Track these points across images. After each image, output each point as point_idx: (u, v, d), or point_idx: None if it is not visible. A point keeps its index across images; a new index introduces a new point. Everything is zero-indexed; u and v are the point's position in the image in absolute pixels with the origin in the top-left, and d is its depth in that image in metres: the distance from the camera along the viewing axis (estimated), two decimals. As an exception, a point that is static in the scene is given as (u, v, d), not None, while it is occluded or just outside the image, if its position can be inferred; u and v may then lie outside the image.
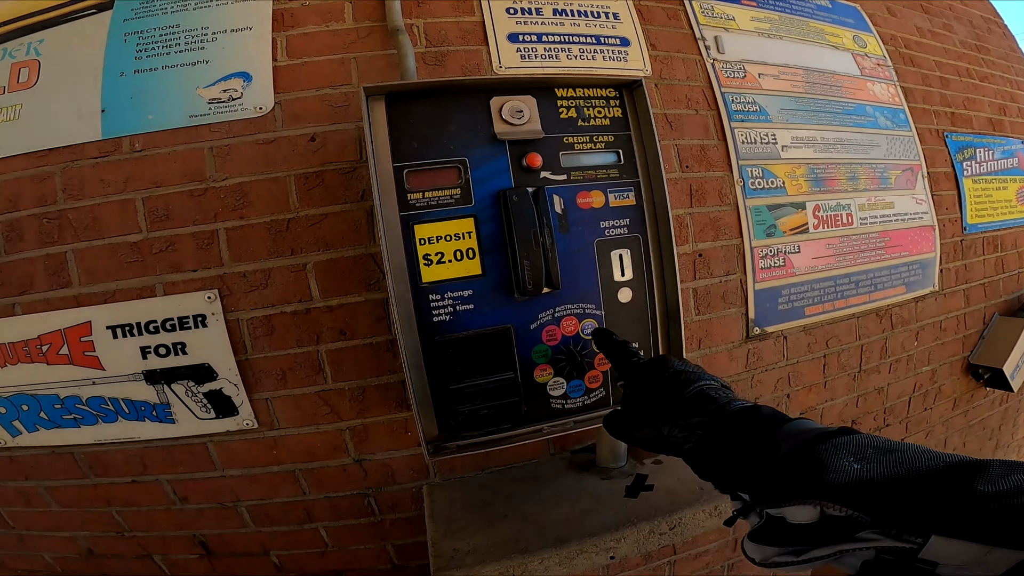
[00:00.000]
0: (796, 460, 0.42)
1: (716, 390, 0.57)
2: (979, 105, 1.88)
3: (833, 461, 0.39)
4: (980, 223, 1.79)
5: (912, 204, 1.57)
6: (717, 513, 0.91)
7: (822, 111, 1.43)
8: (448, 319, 0.77)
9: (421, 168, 0.77)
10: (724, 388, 0.59)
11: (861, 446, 0.41)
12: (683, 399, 0.56)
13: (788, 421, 0.48)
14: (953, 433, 1.91)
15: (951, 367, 1.78)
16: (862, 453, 0.40)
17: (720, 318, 1.24)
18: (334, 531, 1.16)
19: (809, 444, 0.43)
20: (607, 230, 0.84)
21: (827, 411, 1.50)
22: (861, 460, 0.39)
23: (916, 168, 1.60)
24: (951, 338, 1.75)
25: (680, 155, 1.23)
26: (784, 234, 1.31)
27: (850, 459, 0.39)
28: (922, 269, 1.60)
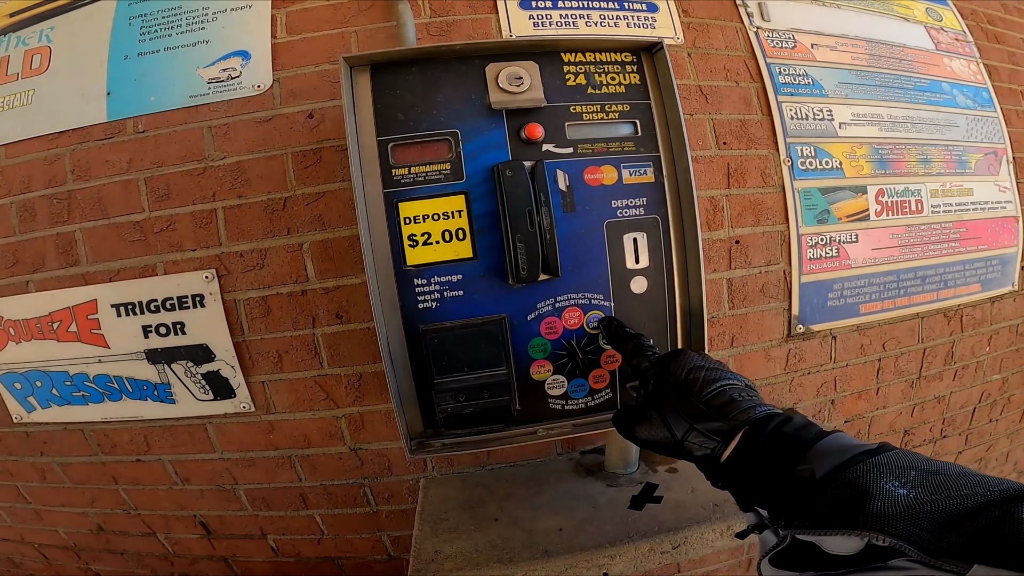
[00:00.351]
0: (837, 485, 0.38)
1: (740, 391, 0.52)
2: None
3: (876, 487, 0.36)
4: (1073, 215, 1.54)
5: (994, 192, 1.38)
6: (730, 533, 0.82)
7: (889, 86, 1.26)
8: (435, 306, 0.69)
9: (407, 142, 0.69)
10: (749, 388, 0.54)
11: (903, 467, 0.37)
12: (702, 400, 0.51)
13: (822, 436, 0.44)
14: (1017, 446, 1.75)
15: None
16: (905, 476, 0.37)
17: (757, 313, 1.11)
18: (329, 519, 1.13)
19: (847, 465, 0.39)
20: (619, 210, 0.73)
21: (876, 420, 1.35)
22: (906, 484, 0.36)
23: (1000, 152, 1.39)
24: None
25: (716, 130, 1.10)
26: (839, 221, 1.16)
27: (894, 483, 0.36)
28: (1002, 265, 1.40)
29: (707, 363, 0.56)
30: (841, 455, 0.40)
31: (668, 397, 0.54)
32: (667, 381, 0.55)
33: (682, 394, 0.53)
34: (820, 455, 0.41)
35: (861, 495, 0.36)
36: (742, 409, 0.49)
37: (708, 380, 0.53)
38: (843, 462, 0.40)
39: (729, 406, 0.50)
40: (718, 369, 0.55)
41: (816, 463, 0.41)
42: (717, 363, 0.57)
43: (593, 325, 0.73)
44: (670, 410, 0.53)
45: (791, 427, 0.46)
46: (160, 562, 1.28)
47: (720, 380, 0.53)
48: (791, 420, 0.47)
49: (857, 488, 0.37)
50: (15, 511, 1.27)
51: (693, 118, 1.09)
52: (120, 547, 1.26)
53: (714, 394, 0.51)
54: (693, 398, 0.52)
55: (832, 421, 1.27)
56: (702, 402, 0.51)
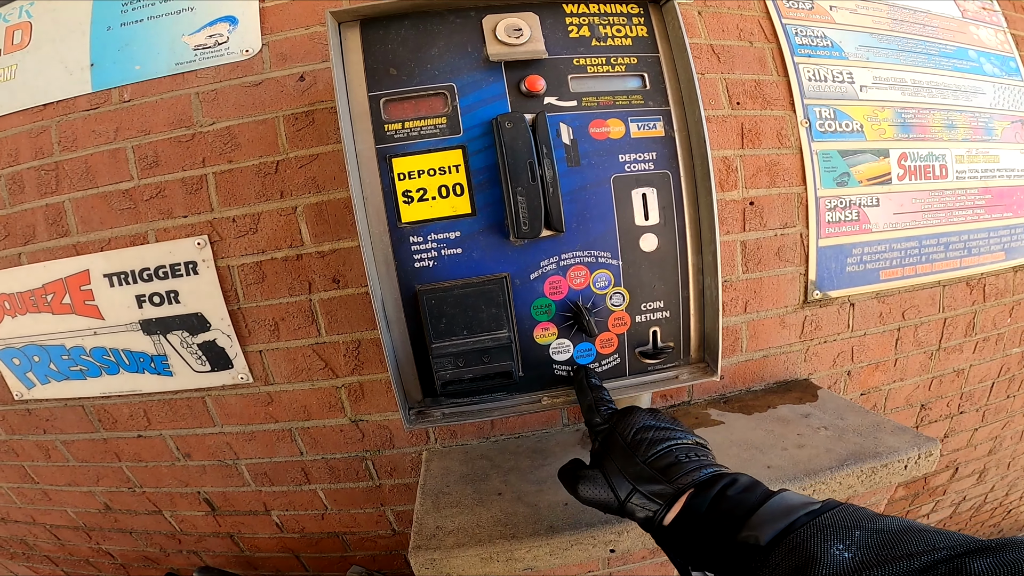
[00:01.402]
0: (781, 551, 0.38)
1: (687, 451, 0.52)
2: None
3: (821, 551, 0.36)
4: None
5: (1022, 159, 1.32)
6: None
7: (912, 51, 1.21)
8: (432, 265, 0.66)
9: (401, 96, 0.65)
10: (699, 447, 0.53)
11: (847, 527, 0.37)
12: (646, 461, 0.51)
13: (767, 497, 0.43)
14: None
15: None
16: (849, 537, 0.36)
17: (772, 277, 1.07)
18: (332, 493, 1.12)
19: (791, 528, 0.39)
20: (628, 165, 0.69)
21: (893, 393, 1.32)
22: (851, 547, 0.35)
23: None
24: None
25: (729, 90, 1.05)
26: (860, 184, 1.11)
27: (839, 546, 0.36)
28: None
29: (657, 423, 0.55)
30: (786, 517, 0.40)
31: (613, 457, 0.53)
32: (614, 440, 0.54)
33: (627, 455, 0.52)
34: (765, 519, 0.41)
35: (806, 562, 0.35)
36: (687, 471, 0.49)
37: (655, 440, 0.52)
38: (787, 526, 0.39)
39: (673, 468, 0.50)
40: (668, 428, 0.54)
41: (760, 529, 0.40)
42: (669, 421, 0.56)
43: (599, 288, 0.69)
44: (614, 471, 0.52)
45: (735, 490, 0.45)
46: (168, 540, 1.29)
47: (668, 440, 0.52)
48: (736, 482, 0.46)
49: (801, 554, 0.36)
50: (23, 492, 1.27)
51: (705, 77, 1.03)
52: (128, 526, 1.27)
53: (659, 455, 0.51)
54: (638, 459, 0.51)
55: (848, 394, 1.23)
56: (647, 463, 0.51)
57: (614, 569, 0.89)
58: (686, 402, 1.09)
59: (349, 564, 1.26)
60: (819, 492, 0.82)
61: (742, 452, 0.90)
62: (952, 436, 1.53)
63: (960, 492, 1.77)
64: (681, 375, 0.75)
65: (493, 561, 0.73)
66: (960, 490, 1.76)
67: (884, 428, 0.93)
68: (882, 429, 0.93)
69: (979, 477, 1.75)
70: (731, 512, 0.43)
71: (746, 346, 1.08)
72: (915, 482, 1.62)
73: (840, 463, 0.84)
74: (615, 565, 0.89)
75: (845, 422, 0.96)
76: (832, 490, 0.83)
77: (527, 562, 0.74)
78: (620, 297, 0.70)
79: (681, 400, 1.09)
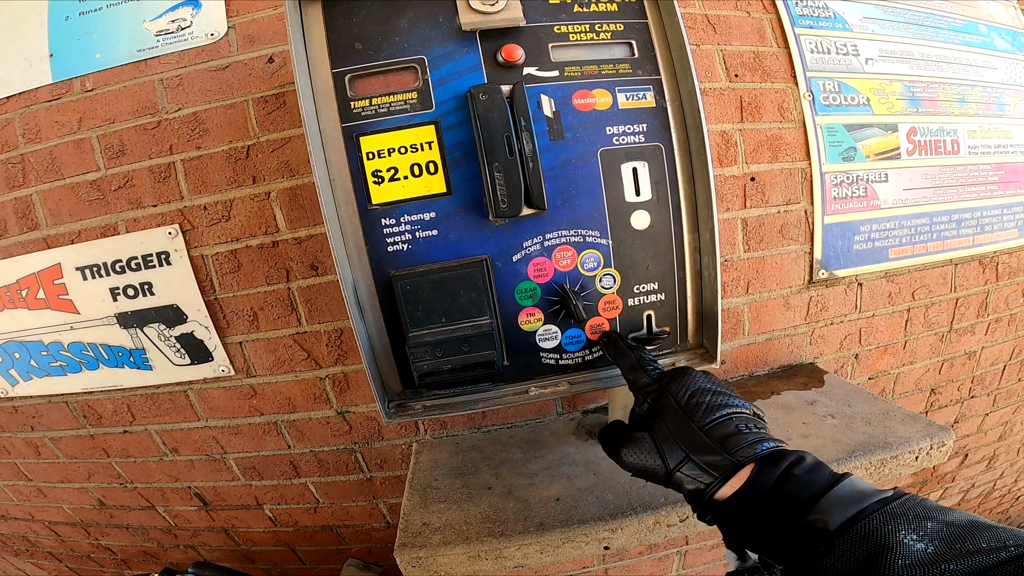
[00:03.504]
0: (851, 537, 0.36)
1: (747, 421, 0.48)
2: None
3: (894, 540, 0.34)
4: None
5: None
6: None
7: (919, 24, 1.16)
8: (406, 248, 0.61)
9: (368, 72, 0.60)
10: (757, 419, 0.50)
11: (919, 518, 0.36)
12: (703, 428, 0.47)
13: (836, 481, 0.41)
14: None
15: None
16: (922, 528, 0.35)
17: (775, 256, 1.02)
18: (323, 487, 1.09)
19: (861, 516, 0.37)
20: (616, 137, 0.63)
21: (902, 377, 1.28)
22: (923, 538, 0.34)
23: None
24: None
25: (726, 62, 0.99)
26: (867, 159, 1.06)
27: (912, 536, 0.34)
28: (1042, 211, 1.28)
29: (714, 386, 0.51)
30: (856, 504, 0.38)
31: (665, 421, 0.49)
32: (667, 402, 0.50)
33: (682, 420, 0.48)
34: (834, 503, 0.39)
35: (879, 550, 0.34)
36: (747, 443, 0.45)
37: (713, 406, 0.48)
38: (857, 512, 0.38)
39: (733, 438, 0.46)
40: (725, 394, 0.50)
41: (830, 513, 0.38)
42: (724, 386, 0.52)
43: (587, 269, 0.65)
44: (667, 436, 0.48)
45: (801, 469, 0.43)
46: (164, 535, 1.28)
47: (727, 407, 0.48)
48: (803, 461, 0.44)
49: (874, 542, 0.35)
50: (19, 489, 1.26)
51: (700, 48, 0.98)
52: (124, 521, 1.26)
53: (717, 423, 0.47)
54: (695, 425, 0.47)
55: (855, 378, 1.19)
56: (703, 430, 0.47)
57: (609, 565, 0.88)
58: (685, 389, 1.04)
59: (345, 557, 1.24)
60: None
61: None
62: (963, 422, 1.50)
63: (969, 479, 1.74)
64: (678, 361, 0.70)
65: (481, 559, 0.71)
66: (969, 477, 1.73)
67: (894, 416, 0.89)
68: (892, 417, 0.89)
69: (989, 463, 1.73)
70: (798, 493, 0.41)
71: (748, 329, 1.03)
72: (926, 469, 1.57)
73: (848, 454, 0.80)
74: (611, 561, 0.87)
75: (853, 410, 0.92)
76: None
77: (517, 560, 0.71)
78: (611, 279, 0.65)
79: (680, 387, 1.04)
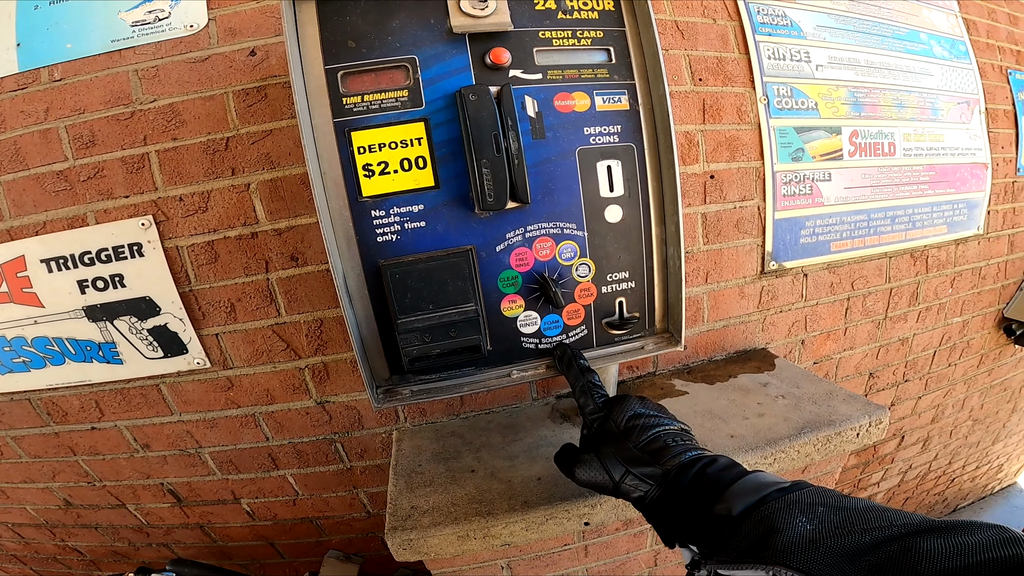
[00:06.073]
0: (750, 521, 0.41)
1: (674, 436, 0.56)
2: None
3: (785, 522, 0.39)
4: (1037, 164, 1.58)
5: (965, 139, 1.40)
6: None
7: (866, 32, 1.24)
8: (395, 239, 0.64)
9: (360, 70, 0.62)
10: (684, 433, 0.58)
11: (812, 504, 0.40)
12: (638, 446, 0.55)
13: (742, 476, 0.47)
14: (973, 392, 1.84)
15: (983, 320, 1.66)
16: (813, 512, 0.39)
17: (732, 249, 1.10)
18: (301, 478, 1.10)
19: (762, 503, 0.42)
20: (592, 137, 0.69)
21: (843, 362, 1.38)
22: (812, 520, 0.38)
23: (973, 102, 1.41)
24: (988, 287, 1.61)
25: (692, 66, 1.05)
26: (813, 159, 1.15)
27: (802, 519, 0.39)
28: (968, 209, 1.43)
29: (647, 410, 0.59)
30: (756, 493, 0.43)
31: (608, 442, 0.57)
32: (609, 428, 0.58)
33: (620, 441, 0.56)
34: (738, 494, 0.44)
35: (770, 531, 0.39)
36: (675, 454, 0.53)
37: (646, 426, 0.56)
38: (758, 500, 0.43)
39: (663, 451, 0.53)
40: (657, 416, 0.59)
41: (733, 502, 0.44)
42: (657, 409, 0.60)
43: (565, 259, 0.69)
44: (609, 455, 0.56)
45: (714, 469, 0.49)
46: (136, 534, 1.25)
47: (657, 427, 0.57)
48: (715, 462, 0.50)
49: (768, 524, 0.40)
50: (-23, 491, 1.20)
51: (669, 53, 1.04)
52: (92, 521, 1.22)
53: (650, 440, 0.55)
54: (631, 444, 0.55)
55: (802, 362, 1.29)
56: (639, 448, 0.55)
57: (589, 541, 0.91)
58: (651, 373, 1.11)
59: (326, 549, 1.25)
60: (779, 460, 0.85)
61: (706, 422, 0.92)
62: (898, 404, 1.61)
63: (907, 460, 1.87)
64: (647, 345, 0.76)
65: (470, 539, 0.74)
66: (907, 458, 1.86)
67: (837, 396, 0.96)
68: (835, 397, 0.96)
69: (923, 445, 1.85)
70: (709, 488, 0.47)
71: (707, 316, 1.11)
72: (865, 450, 1.71)
73: (798, 431, 0.86)
74: (590, 538, 0.91)
75: (801, 391, 0.99)
76: (791, 458, 0.86)
77: (504, 538, 0.74)
78: (586, 268, 0.71)
79: (647, 371, 1.11)
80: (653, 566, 1.02)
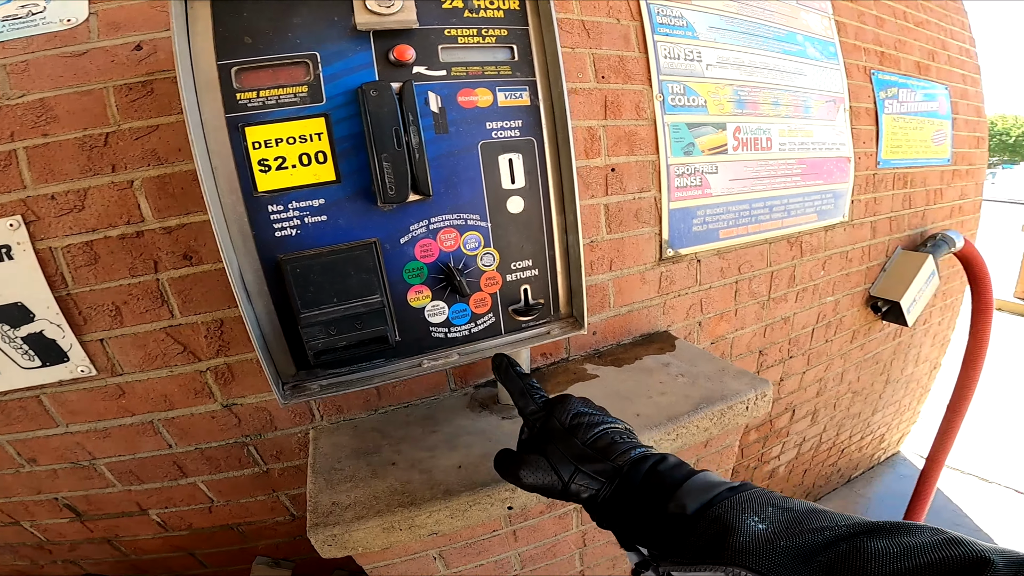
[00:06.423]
0: (704, 520, 0.42)
1: (620, 434, 0.55)
2: (909, 48, 1.89)
3: (739, 522, 0.39)
4: (893, 159, 1.84)
5: (831, 134, 1.58)
6: None
7: (752, 34, 1.36)
8: (295, 233, 0.64)
9: (256, 65, 0.60)
10: (628, 432, 0.57)
11: (762, 504, 0.41)
12: (586, 443, 0.54)
13: (692, 474, 0.47)
14: (850, 366, 2.02)
15: (852, 299, 1.86)
16: (763, 512, 0.40)
17: (633, 237, 1.18)
18: (215, 485, 1.05)
19: (713, 502, 0.43)
20: (495, 132, 0.72)
21: (737, 341, 1.52)
22: (764, 520, 0.39)
23: (839, 101, 1.59)
24: (855, 269, 1.81)
25: (596, 64, 1.11)
26: (702, 153, 1.25)
27: (754, 519, 0.39)
28: (835, 199, 1.62)
29: (590, 408, 0.58)
30: (707, 492, 0.44)
31: (554, 441, 0.55)
32: (553, 426, 0.56)
33: (567, 438, 0.54)
34: (690, 492, 0.44)
35: (725, 530, 0.39)
36: (624, 450, 0.52)
37: (591, 424, 0.55)
38: (709, 499, 0.43)
39: (611, 447, 0.53)
40: (600, 414, 0.58)
41: (687, 500, 0.44)
42: (599, 408, 0.60)
43: (469, 249, 0.72)
44: (556, 454, 0.54)
45: (664, 466, 0.49)
46: (37, 552, 1.13)
47: (602, 424, 0.55)
48: (665, 460, 0.50)
49: (722, 524, 0.40)
50: None
51: (575, 52, 1.08)
52: (-17, 541, 1.08)
53: (597, 436, 0.54)
54: (578, 441, 0.54)
55: (700, 343, 1.41)
56: (587, 444, 0.53)
57: (517, 526, 0.94)
58: (565, 359, 1.17)
59: (252, 556, 1.20)
60: (681, 436, 0.89)
61: (615, 403, 0.96)
62: (786, 379, 1.77)
63: (800, 433, 2.05)
64: (552, 330, 0.81)
65: (396, 530, 0.74)
66: (800, 431, 2.04)
67: (728, 372, 1.03)
68: (726, 373, 1.03)
69: (812, 418, 2.03)
70: (661, 484, 0.47)
71: (614, 302, 1.18)
72: (763, 425, 1.87)
73: (696, 407, 0.92)
74: (517, 522, 0.93)
75: (697, 369, 1.06)
76: (692, 434, 0.91)
77: (430, 527, 0.75)
78: (490, 257, 0.74)
79: (560, 358, 1.16)
80: (582, 546, 1.06)
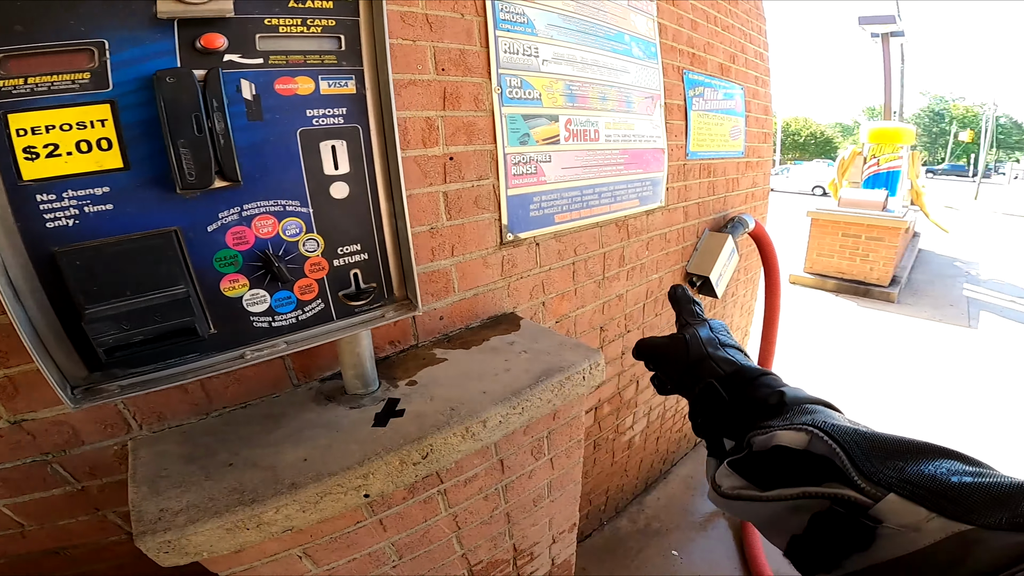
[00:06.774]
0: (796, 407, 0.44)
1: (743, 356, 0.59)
2: (715, 50, 2.17)
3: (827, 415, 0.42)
4: (699, 151, 2.15)
5: (649, 128, 1.79)
6: (470, 435, 0.89)
7: (586, 32, 1.47)
8: (72, 224, 0.57)
9: (26, 53, 0.53)
10: None
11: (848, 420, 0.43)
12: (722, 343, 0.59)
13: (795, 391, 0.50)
14: None
15: (673, 275, 2.13)
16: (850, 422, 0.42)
17: (473, 223, 1.24)
18: (20, 508, 0.89)
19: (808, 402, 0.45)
20: (316, 119, 0.71)
21: (579, 319, 1.65)
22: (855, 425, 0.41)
23: (656, 97, 1.80)
24: (673, 248, 2.08)
25: (437, 57, 1.14)
26: (537, 143, 1.36)
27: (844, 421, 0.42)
28: (653, 186, 1.86)
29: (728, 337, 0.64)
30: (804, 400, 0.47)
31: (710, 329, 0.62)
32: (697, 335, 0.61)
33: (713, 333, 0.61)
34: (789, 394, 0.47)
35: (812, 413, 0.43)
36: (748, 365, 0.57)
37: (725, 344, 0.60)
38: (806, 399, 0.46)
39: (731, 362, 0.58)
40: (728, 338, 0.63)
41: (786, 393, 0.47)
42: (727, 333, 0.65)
43: (289, 235, 0.71)
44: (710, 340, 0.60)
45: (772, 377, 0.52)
46: None
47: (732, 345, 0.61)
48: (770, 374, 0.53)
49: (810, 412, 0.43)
50: None
51: (415, 44, 1.09)
52: None
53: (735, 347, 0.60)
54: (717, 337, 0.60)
55: (545, 322, 1.52)
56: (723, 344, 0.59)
57: (382, 515, 0.92)
58: (414, 346, 1.19)
59: (95, 581, 1.03)
60: (526, 409, 0.93)
61: (463, 383, 0.99)
62: (627, 353, 1.95)
63: (646, 403, 2.25)
64: (387, 313, 0.84)
65: (241, 529, 0.70)
66: (645, 401, 2.24)
67: (566, 346, 1.10)
68: (564, 347, 1.09)
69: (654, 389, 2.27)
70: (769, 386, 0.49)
71: (458, 286, 1.24)
72: (614, 397, 2.02)
73: (537, 380, 0.98)
74: (380, 511, 0.92)
75: (539, 345, 1.13)
76: (536, 406, 0.94)
77: (280, 524, 0.72)
78: (314, 243, 0.74)
79: (409, 344, 1.18)
80: (456, 529, 1.08)
